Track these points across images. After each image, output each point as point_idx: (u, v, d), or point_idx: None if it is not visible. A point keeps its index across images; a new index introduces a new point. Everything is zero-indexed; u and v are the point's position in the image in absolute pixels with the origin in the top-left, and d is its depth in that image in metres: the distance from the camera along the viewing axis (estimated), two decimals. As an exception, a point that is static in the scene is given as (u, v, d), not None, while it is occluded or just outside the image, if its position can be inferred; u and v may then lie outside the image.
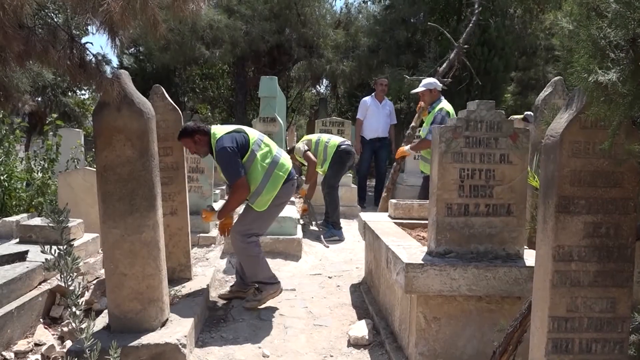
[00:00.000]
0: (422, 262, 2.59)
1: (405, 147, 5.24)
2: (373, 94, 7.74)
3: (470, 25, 7.18)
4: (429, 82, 4.93)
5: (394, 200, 4.21)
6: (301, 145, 5.86)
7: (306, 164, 6.02)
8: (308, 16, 12.15)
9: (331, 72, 12.07)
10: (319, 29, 12.12)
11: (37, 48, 2.35)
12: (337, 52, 12.26)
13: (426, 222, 3.76)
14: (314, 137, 5.95)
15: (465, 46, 6.92)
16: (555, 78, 4.18)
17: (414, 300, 2.71)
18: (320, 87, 18.15)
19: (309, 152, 5.78)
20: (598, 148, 1.64)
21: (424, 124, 5.03)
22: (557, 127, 1.70)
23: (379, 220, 3.98)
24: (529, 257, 2.75)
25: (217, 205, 5.48)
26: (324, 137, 5.92)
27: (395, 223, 3.88)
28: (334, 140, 5.85)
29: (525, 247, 2.84)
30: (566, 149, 1.65)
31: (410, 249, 2.92)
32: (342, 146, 5.74)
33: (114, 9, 2.17)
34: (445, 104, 4.82)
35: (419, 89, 4.97)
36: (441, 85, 5.04)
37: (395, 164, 6.26)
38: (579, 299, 1.70)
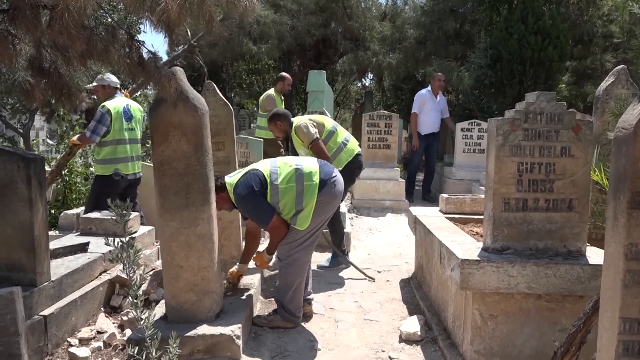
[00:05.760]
0: (479, 258, 2.53)
1: (75, 137, 4.76)
2: (429, 88, 7.64)
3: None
4: (100, 77, 4.69)
5: (445, 195, 4.13)
6: (310, 125, 4.15)
7: (303, 149, 4.24)
8: (354, 9, 12.07)
9: (377, 65, 11.94)
10: (365, 21, 12.00)
11: (98, 47, 2.43)
12: (384, 44, 12.11)
13: (479, 217, 3.68)
14: (327, 122, 4.37)
15: (194, 43, 6.41)
16: (618, 67, 3.97)
17: (469, 297, 2.65)
18: (365, 80, 18.05)
19: (321, 142, 4.14)
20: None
21: None
22: (629, 118, 1.61)
23: (430, 215, 3.91)
24: (592, 254, 2.64)
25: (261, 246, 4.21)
26: (341, 131, 4.38)
27: (446, 218, 3.81)
28: (353, 144, 4.38)
29: (587, 244, 2.72)
30: (640, 141, 1.56)
31: (464, 244, 2.86)
32: (360, 157, 4.41)
33: (171, 8, 2.21)
34: (112, 102, 4.52)
35: (92, 84, 4.70)
36: (116, 81, 4.69)
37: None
38: (653, 300, 1.61)
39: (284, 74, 6.60)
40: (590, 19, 10.31)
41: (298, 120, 4.27)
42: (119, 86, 4.79)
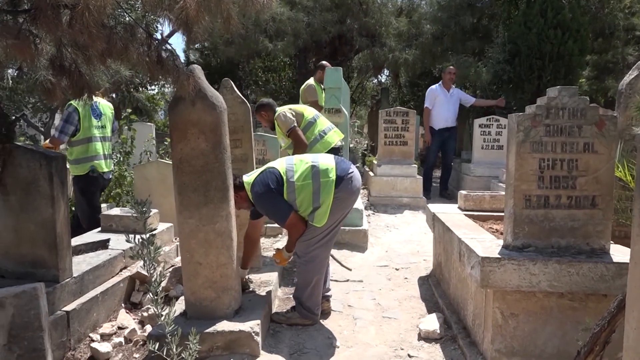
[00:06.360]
0: (499, 256, 2.50)
1: (46, 141, 4.66)
2: (440, 82, 7.57)
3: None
4: None
5: (464, 192, 4.09)
6: (288, 114, 4.22)
7: (282, 142, 4.38)
8: (370, 5, 11.99)
9: (394, 61, 11.83)
10: (381, 17, 11.91)
11: (118, 46, 2.44)
12: (400, 40, 12.01)
13: (498, 214, 3.64)
14: (308, 112, 4.37)
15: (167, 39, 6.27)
16: (642, 60, 3.88)
17: (489, 295, 2.62)
18: (381, 76, 17.97)
19: (299, 130, 4.20)
20: None
21: None
22: (657, 113, 1.57)
23: (449, 212, 3.88)
24: (616, 252, 2.59)
25: (280, 243, 4.69)
26: (322, 123, 4.37)
27: (465, 215, 3.78)
28: (332, 136, 4.32)
29: (611, 241, 2.67)
30: (668, 136, 1.52)
31: (484, 242, 2.82)
32: (339, 152, 4.31)
33: (190, 6, 2.22)
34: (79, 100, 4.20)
35: None
36: None
37: None
38: (681, 299, 1.57)
39: (324, 62, 6.30)
40: (612, 11, 10.12)
41: (279, 109, 4.32)
42: None
